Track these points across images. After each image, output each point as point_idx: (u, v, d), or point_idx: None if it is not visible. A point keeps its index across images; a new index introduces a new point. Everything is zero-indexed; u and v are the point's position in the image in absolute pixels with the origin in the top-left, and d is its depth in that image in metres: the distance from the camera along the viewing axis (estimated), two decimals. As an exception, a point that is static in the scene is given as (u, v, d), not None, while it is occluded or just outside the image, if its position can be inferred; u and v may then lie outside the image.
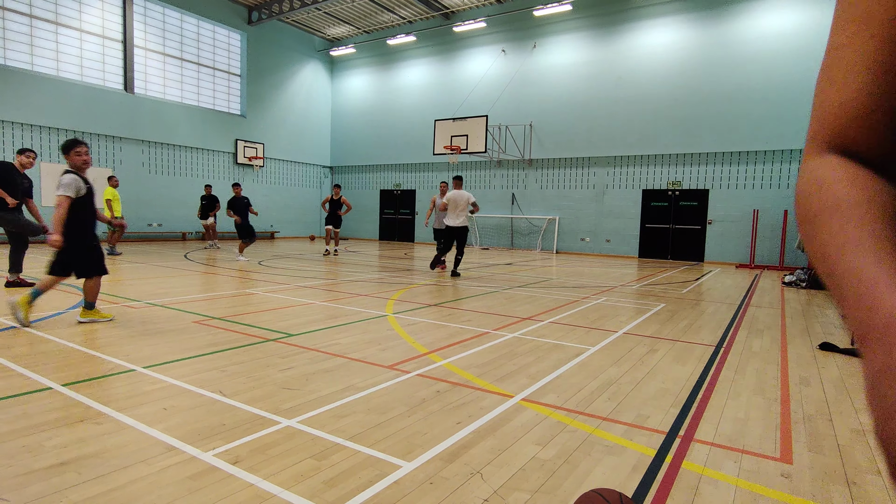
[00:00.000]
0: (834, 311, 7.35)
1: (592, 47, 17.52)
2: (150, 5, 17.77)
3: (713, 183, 15.70)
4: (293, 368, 3.77)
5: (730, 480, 2.32)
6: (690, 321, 6.17)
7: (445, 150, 17.65)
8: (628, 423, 2.93)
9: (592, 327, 5.60)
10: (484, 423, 2.86)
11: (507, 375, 3.76)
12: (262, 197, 21.69)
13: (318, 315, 5.80)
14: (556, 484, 2.24)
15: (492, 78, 19.55)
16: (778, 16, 14.58)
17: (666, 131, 16.26)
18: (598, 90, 17.36)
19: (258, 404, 3.04)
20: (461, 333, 5.10)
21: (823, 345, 4.98)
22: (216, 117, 19.81)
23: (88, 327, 4.84)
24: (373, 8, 20.08)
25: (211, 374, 3.57)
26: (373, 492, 2.11)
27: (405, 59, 21.96)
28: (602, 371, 3.95)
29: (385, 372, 3.76)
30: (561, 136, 18.18)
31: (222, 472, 2.24)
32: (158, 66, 18.21)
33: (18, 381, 3.33)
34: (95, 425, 2.68)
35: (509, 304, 7.00)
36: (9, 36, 14.69)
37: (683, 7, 15.95)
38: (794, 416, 3.15)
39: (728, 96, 15.25)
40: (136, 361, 3.82)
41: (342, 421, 2.83)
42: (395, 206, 22.72)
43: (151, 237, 18.01)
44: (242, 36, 20.65)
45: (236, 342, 4.48)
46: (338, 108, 24.44)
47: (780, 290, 9.70)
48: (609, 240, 17.48)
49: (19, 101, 14.75)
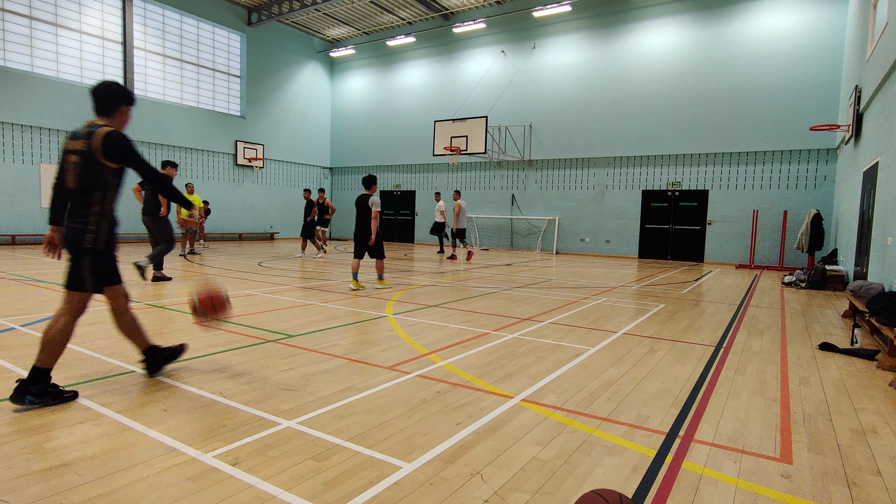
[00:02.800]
0: (834, 312, 7.35)
1: (592, 48, 17.53)
2: (150, 6, 17.78)
3: (713, 183, 15.71)
4: (293, 369, 3.77)
5: (730, 481, 2.32)
6: (690, 321, 6.17)
7: (445, 150, 17.66)
8: (628, 424, 2.93)
9: (592, 328, 5.60)
10: (484, 424, 2.86)
11: (508, 376, 3.76)
12: (262, 198, 21.71)
13: (317, 316, 5.80)
14: (557, 484, 2.24)
15: (491, 79, 19.56)
16: (777, 16, 14.59)
17: (665, 132, 16.27)
18: (598, 90, 17.37)
19: (258, 405, 3.04)
20: (461, 334, 5.10)
21: (823, 345, 4.98)
22: (216, 118, 19.82)
23: (88, 328, 4.84)
24: (372, 9, 20.09)
25: (211, 375, 3.57)
26: (373, 493, 2.11)
27: (405, 60, 21.97)
28: (602, 371, 3.95)
29: (385, 373, 3.76)
30: (561, 137, 18.19)
31: (222, 473, 2.24)
32: (158, 67, 18.22)
33: (18, 382, 3.33)
34: (95, 427, 2.68)
35: (509, 304, 7.00)
36: (8, 37, 14.70)
37: (683, 7, 15.96)
38: (794, 416, 3.15)
39: (727, 96, 15.26)
40: (136, 362, 3.81)
41: (342, 422, 2.83)
42: (394, 206, 22.72)
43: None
44: (242, 37, 20.66)
45: (236, 343, 4.48)
46: (337, 109, 24.45)
47: (780, 290, 9.71)
48: (609, 240, 17.49)
49: (19, 102, 14.76)
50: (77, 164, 3.05)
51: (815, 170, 14.30)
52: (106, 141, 3.04)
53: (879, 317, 4.60)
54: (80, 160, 3.05)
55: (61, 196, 3.14)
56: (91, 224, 3.09)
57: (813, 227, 12.17)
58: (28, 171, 15.09)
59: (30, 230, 15.14)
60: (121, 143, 3.08)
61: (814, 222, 12.18)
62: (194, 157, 19.22)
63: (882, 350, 4.84)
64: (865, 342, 5.31)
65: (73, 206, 3.11)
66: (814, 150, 14.26)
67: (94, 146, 3.02)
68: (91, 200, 3.08)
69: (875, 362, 4.52)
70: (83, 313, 3.17)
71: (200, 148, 19.31)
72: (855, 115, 9.97)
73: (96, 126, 3.09)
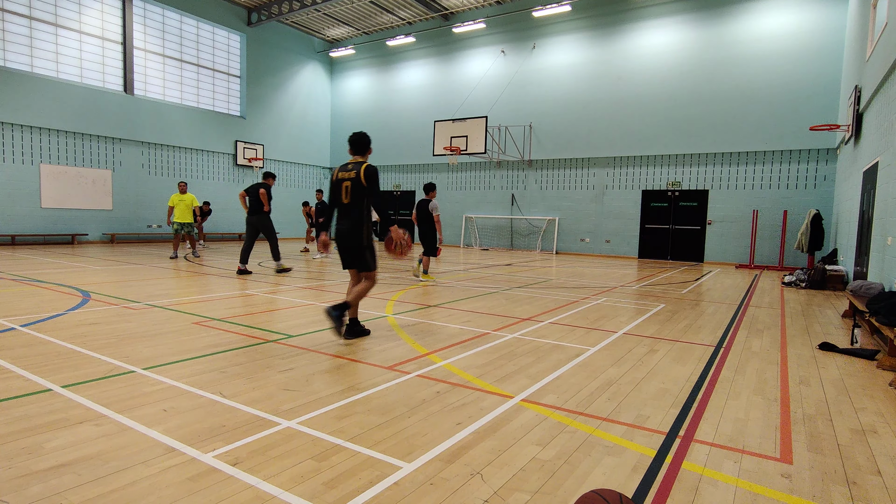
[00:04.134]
0: (834, 311, 7.35)
1: (592, 48, 17.53)
2: (150, 7, 17.78)
3: (713, 183, 15.71)
4: (293, 369, 3.77)
5: (730, 480, 2.32)
6: (690, 321, 6.17)
7: (445, 150, 17.66)
8: (628, 424, 2.93)
9: (592, 328, 5.60)
10: (484, 424, 2.86)
11: (507, 376, 3.76)
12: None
13: (318, 316, 5.80)
14: (557, 484, 2.24)
15: (491, 79, 19.56)
16: (777, 16, 14.60)
17: (665, 132, 16.27)
18: (598, 91, 17.37)
19: (258, 405, 3.04)
20: (461, 334, 5.10)
21: (823, 345, 4.98)
22: (216, 118, 19.82)
23: (88, 329, 4.84)
24: (372, 9, 20.10)
25: (211, 376, 3.57)
26: (373, 493, 2.11)
27: (405, 60, 21.98)
28: (602, 371, 3.95)
29: (385, 373, 3.76)
30: (560, 137, 18.19)
31: (222, 473, 2.24)
32: (158, 67, 18.22)
33: (18, 382, 3.33)
34: (95, 427, 2.68)
35: (509, 304, 7.00)
36: (8, 38, 14.70)
37: (683, 7, 15.96)
38: (794, 416, 3.15)
39: (727, 96, 15.27)
40: (136, 363, 3.81)
41: (342, 422, 2.83)
42: (394, 206, 22.72)
43: (151, 238, 18.02)
44: (242, 37, 20.66)
45: (236, 343, 4.48)
46: (337, 110, 24.45)
47: (780, 290, 9.71)
48: (609, 240, 17.49)
49: (19, 102, 14.76)
50: (348, 188, 4.63)
51: (814, 170, 14.31)
52: (367, 171, 4.61)
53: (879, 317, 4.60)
54: (350, 185, 4.62)
55: (333, 210, 4.79)
56: (363, 226, 4.68)
57: (813, 227, 12.17)
58: (28, 171, 15.09)
59: (30, 230, 15.15)
60: (375, 174, 4.66)
61: (814, 222, 12.18)
62: (194, 158, 19.22)
63: (882, 350, 4.84)
64: (865, 342, 5.31)
65: (346, 216, 4.66)
66: (814, 150, 14.27)
67: (360, 175, 4.60)
68: (360, 212, 4.66)
69: (875, 362, 4.52)
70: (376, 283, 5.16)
71: (200, 148, 19.31)
72: (855, 115, 9.98)
73: (359, 163, 4.68)
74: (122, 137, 17.05)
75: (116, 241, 16.92)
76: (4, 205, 14.67)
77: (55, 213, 15.70)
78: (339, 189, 4.67)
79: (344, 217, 4.69)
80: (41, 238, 15.46)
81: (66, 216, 15.95)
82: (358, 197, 4.61)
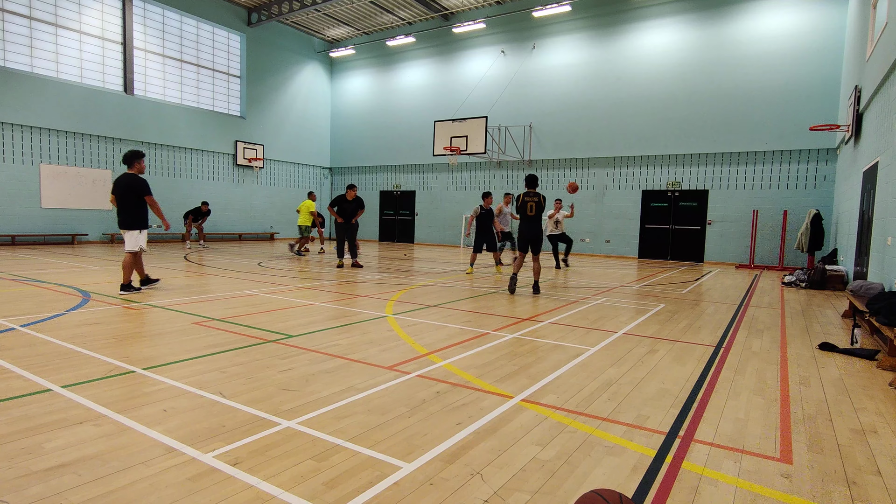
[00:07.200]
0: (834, 311, 7.35)
1: (592, 48, 17.53)
2: (150, 7, 17.78)
3: (713, 183, 15.71)
4: (293, 370, 3.77)
5: (730, 481, 2.32)
6: (690, 321, 6.18)
7: (445, 150, 17.67)
8: (628, 424, 2.93)
9: (592, 328, 5.60)
10: (484, 424, 2.86)
11: (507, 376, 3.76)
12: (262, 198, 21.72)
13: (317, 316, 5.80)
14: (557, 485, 2.24)
15: (491, 79, 19.56)
16: (777, 17, 14.59)
17: (665, 132, 16.27)
18: (598, 91, 17.37)
19: (258, 405, 3.04)
20: (461, 334, 5.10)
21: (823, 345, 4.98)
22: (216, 119, 19.81)
23: (88, 329, 4.84)
24: (372, 9, 20.10)
25: (211, 376, 3.57)
26: (373, 493, 2.11)
27: (405, 60, 21.97)
28: (602, 371, 3.95)
29: (385, 373, 3.76)
30: (560, 137, 18.19)
31: (222, 473, 2.24)
32: (158, 67, 18.22)
33: (18, 382, 3.33)
34: (95, 427, 2.68)
35: (509, 304, 7.00)
36: (8, 38, 14.70)
37: (683, 8, 15.96)
38: (794, 416, 3.15)
39: (727, 97, 15.27)
40: (136, 363, 3.82)
41: (342, 422, 2.83)
42: (394, 206, 22.72)
43: (151, 238, 18.01)
44: (242, 37, 20.66)
45: (236, 343, 4.48)
46: (337, 110, 24.45)
47: (780, 290, 9.71)
48: (609, 240, 17.49)
49: (19, 102, 14.76)
50: (534, 205, 7.87)
51: (814, 170, 14.31)
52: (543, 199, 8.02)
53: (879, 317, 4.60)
54: (534, 204, 7.88)
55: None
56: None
57: (813, 227, 12.17)
58: (28, 172, 15.09)
59: (30, 230, 15.15)
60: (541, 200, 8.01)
61: (814, 222, 12.18)
62: (194, 158, 19.22)
63: (882, 350, 4.84)
64: (865, 342, 5.31)
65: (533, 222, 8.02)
66: (814, 150, 14.27)
67: (543, 199, 7.99)
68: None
69: (875, 362, 4.52)
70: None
71: (200, 148, 19.31)
72: (855, 115, 9.98)
73: (537, 192, 7.98)
74: (122, 137, 17.04)
75: (116, 242, 16.92)
76: (4, 205, 14.67)
77: (55, 213, 15.70)
78: (528, 207, 7.91)
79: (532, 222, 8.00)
80: (41, 238, 15.46)
81: (66, 216, 15.95)
82: (539, 212, 7.95)
